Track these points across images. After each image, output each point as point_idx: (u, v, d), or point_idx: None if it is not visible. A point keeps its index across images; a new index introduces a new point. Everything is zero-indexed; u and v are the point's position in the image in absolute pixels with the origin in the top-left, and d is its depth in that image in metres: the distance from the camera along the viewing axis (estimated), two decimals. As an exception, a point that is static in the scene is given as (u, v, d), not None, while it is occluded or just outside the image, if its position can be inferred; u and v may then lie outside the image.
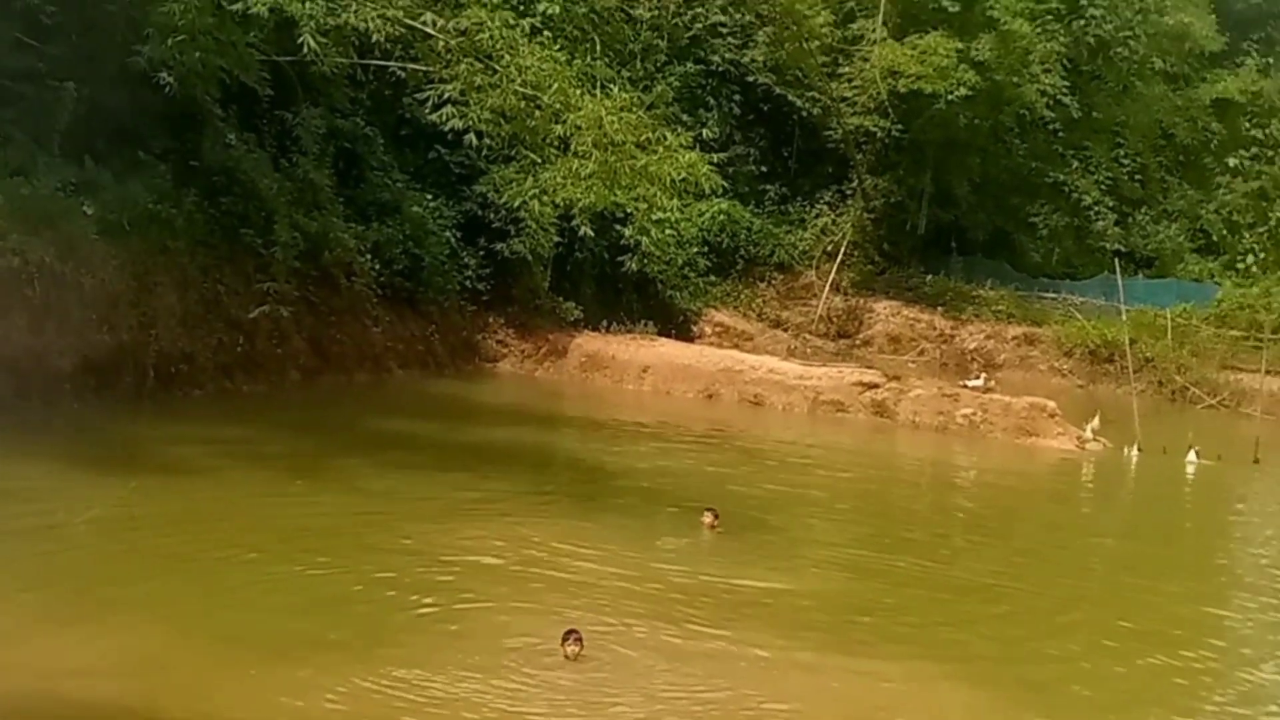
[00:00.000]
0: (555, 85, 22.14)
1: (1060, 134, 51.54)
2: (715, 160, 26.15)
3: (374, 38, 21.94)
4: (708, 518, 17.84)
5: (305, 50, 21.88)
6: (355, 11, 21.57)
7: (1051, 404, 31.00)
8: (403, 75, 28.49)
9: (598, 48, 32.71)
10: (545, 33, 25.89)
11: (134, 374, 23.43)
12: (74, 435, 20.08)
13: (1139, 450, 29.52)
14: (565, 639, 12.08)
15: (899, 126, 47.84)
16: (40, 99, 23.15)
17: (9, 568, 13.35)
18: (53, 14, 22.99)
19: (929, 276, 50.35)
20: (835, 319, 48.13)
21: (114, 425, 21.17)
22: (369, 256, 30.08)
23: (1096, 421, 30.41)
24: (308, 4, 21.27)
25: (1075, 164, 52.42)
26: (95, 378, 22.63)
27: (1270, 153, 55.24)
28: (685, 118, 40.34)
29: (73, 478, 17.02)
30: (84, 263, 22.67)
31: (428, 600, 13.59)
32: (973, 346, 47.22)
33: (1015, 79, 46.58)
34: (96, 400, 22.36)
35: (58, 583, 13.08)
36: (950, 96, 44.64)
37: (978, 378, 35.04)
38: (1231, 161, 55.23)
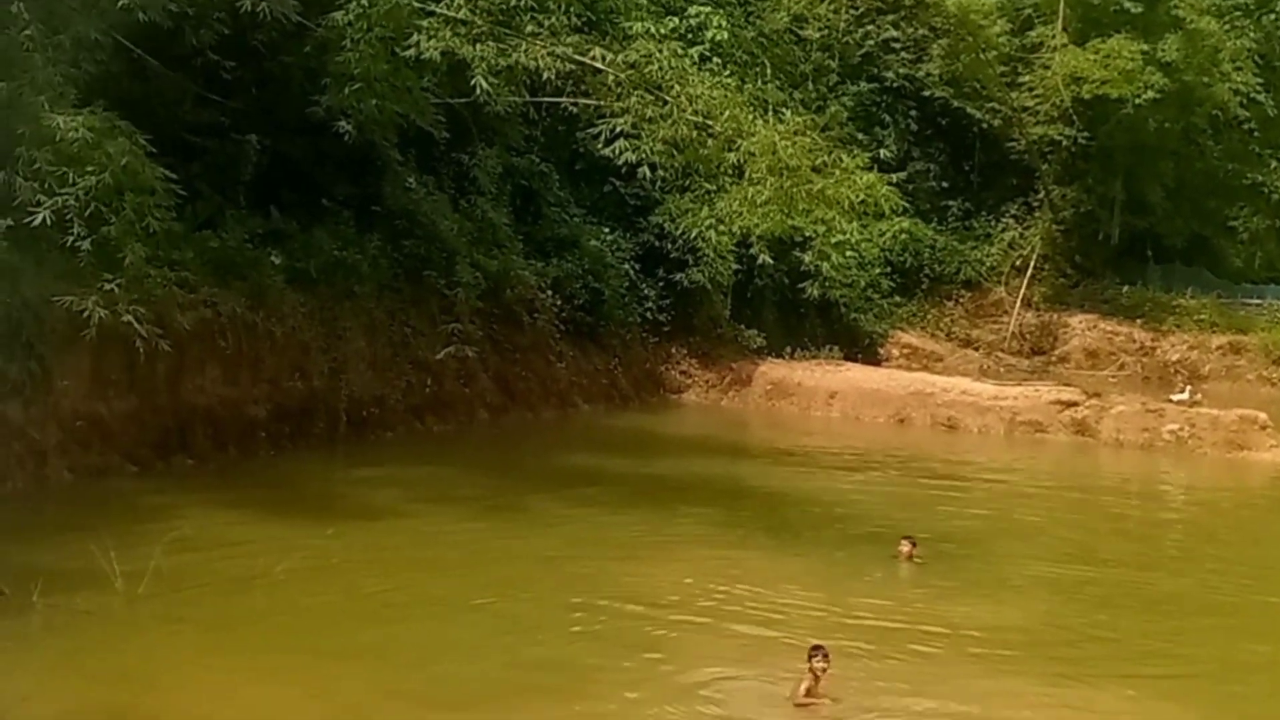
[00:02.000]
0: (727, 113, 21.83)
1: (1256, 133, 49.40)
2: (894, 179, 25.55)
3: (545, 75, 21.91)
4: (905, 547, 17.23)
5: (478, 92, 21.95)
6: (525, 51, 21.57)
7: (1262, 415, 29.71)
8: (575, 110, 28.47)
9: (768, 71, 32.38)
10: (714, 60, 25.74)
11: (326, 419, 23.80)
12: (271, 483, 20.36)
13: (1356, 459, 27.94)
14: (812, 656, 11.54)
15: (1085, 134, 46.45)
16: (224, 152, 23.71)
17: (212, 620, 13.44)
18: (232, 69, 23.49)
19: (1125, 287, 48.55)
20: (1028, 335, 46.77)
21: (309, 471, 21.49)
22: (550, 292, 30.14)
23: (1311, 431, 28.96)
24: (479, 46, 21.31)
25: (1274, 163, 50.19)
26: (289, 424, 23.05)
27: None
28: (861, 137, 39.80)
29: (272, 526, 17.15)
30: (274, 312, 23.14)
31: (626, 640, 13.34)
32: (1175, 358, 45.43)
33: (1205, 79, 44.82)
34: (291, 447, 22.76)
35: (262, 635, 13.14)
36: (1138, 100, 43.19)
37: (1183, 391, 33.62)
38: None
